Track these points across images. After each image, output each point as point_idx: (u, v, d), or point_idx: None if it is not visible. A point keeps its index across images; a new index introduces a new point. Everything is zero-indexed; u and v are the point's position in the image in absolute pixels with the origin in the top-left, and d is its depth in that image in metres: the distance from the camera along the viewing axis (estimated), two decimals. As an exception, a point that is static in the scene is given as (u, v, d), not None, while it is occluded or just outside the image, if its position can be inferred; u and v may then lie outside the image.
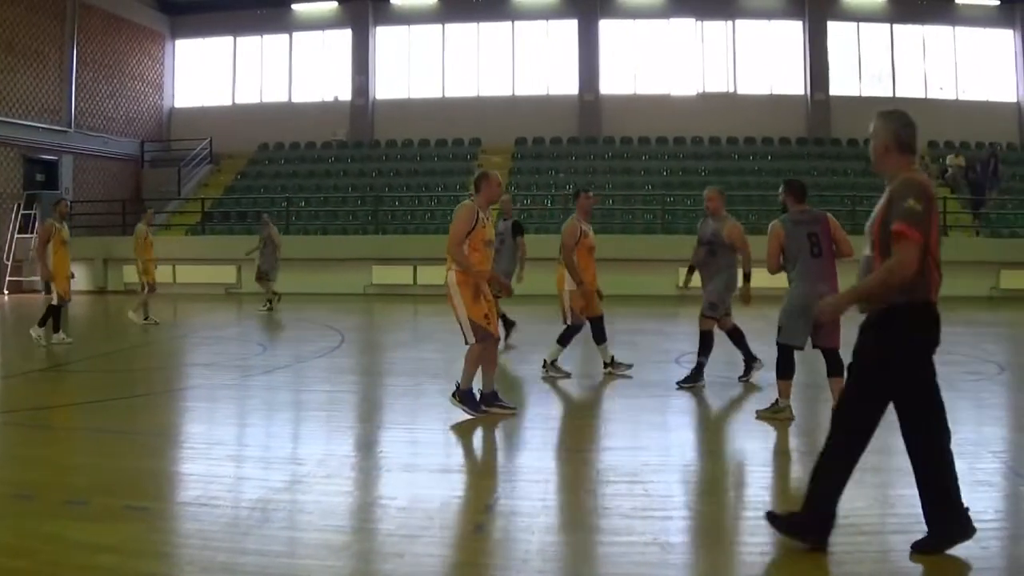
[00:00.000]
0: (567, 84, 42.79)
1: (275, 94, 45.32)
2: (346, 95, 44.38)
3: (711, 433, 10.83)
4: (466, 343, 11.05)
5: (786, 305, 10.97)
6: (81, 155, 39.55)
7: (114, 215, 38.19)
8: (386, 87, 44.57)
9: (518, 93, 43.17)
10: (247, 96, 45.68)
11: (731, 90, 42.47)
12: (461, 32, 44.16)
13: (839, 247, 11.08)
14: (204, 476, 8.73)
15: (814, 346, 10.98)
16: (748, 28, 42.61)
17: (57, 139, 37.98)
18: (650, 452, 9.48)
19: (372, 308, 29.03)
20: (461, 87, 43.82)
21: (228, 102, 45.77)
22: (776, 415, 10.87)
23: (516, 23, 43.59)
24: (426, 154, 41.79)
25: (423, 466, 9.21)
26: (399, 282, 33.33)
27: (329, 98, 44.84)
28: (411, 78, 44.49)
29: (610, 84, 42.87)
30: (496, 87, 43.56)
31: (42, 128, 36.92)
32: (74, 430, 11.01)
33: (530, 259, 17.62)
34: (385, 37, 44.68)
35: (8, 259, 34.80)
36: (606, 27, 42.83)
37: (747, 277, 13.39)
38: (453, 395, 11.14)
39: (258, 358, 17.17)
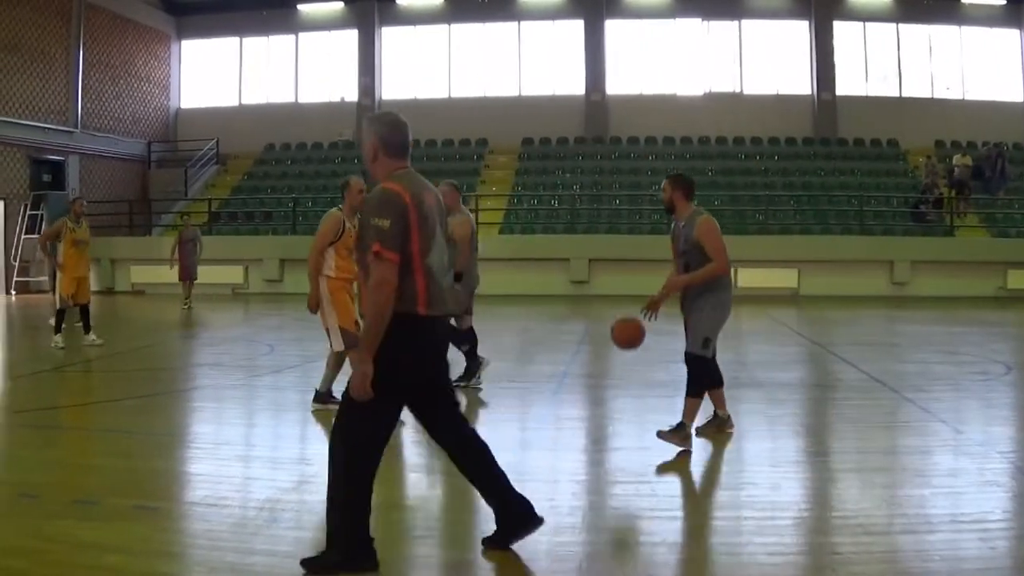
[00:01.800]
0: (574, 84, 42.72)
1: (281, 95, 45.26)
2: (352, 95, 44.33)
3: (718, 434, 10.77)
4: (332, 348, 11.34)
5: (717, 315, 9.84)
6: (88, 156, 39.52)
7: (121, 215, 38.23)
8: (392, 87, 44.49)
9: (525, 93, 43.07)
10: (253, 97, 45.63)
11: (737, 90, 42.37)
12: (467, 32, 44.12)
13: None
14: (212, 476, 8.74)
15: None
16: (754, 28, 42.48)
17: (63, 140, 37.96)
18: (657, 453, 9.45)
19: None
20: (467, 87, 43.76)
21: (234, 103, 45.72)
22: (722, 427, 10.17)
23: (522, 23, 43.50)
24: (433, 154, 41.61)
25: (429, 467, 9.22)
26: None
27: (335, 98, 44.78)
28: (417, 78, 44.40)
29: (617, 84, 42.80)
30: (503, 87, 43.46)
31: (48, 129, 36.86)
32: (82, 430, 11.02)
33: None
34: (391, 37, 44.66)
35: (15, 260, 34.80)
36: (612, 27, 42.73)
37: (457, 277, 12.92)
38: (315, 401, 11.52)
39: (265, 358, 17.17)
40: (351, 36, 44.47)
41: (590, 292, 31.87)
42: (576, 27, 42.85)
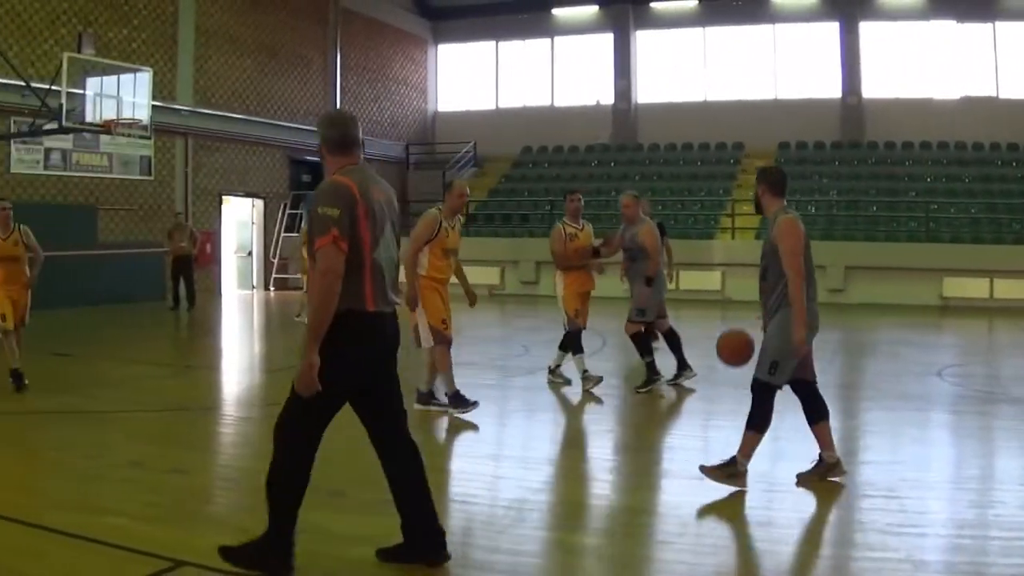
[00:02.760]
0: (829, 87, 41.73)
1: (537, 98, 45.70)
2: (608, 99, 44.40)
3: (973, 449, 10.48)
4: (419, 346, 11.45)
5: (789, 334, 8.31)
6: (347, 157, 40.40)
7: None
8: (648, 91, 44.38)
9: (780, 97, 42.45)
10: (510, 100, 46.22)
11: (993, 94, 40.76)
12: (722, 35, 43.56)
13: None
14: (463, 473, 8.95)
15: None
16: (1009, 30, 40.78)
17: (323, 141, 38.86)
18: (908, 467, 9.27)
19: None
20: (723, 90, 43.21)
21: (491, 106, 46.45)
22: (828, 474, 8.64)
23: (777, 26, 42.75)
24: (689, 158, 41.51)
25: (679, 472, 9.23)
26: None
27: (591, 102, 44.91)
28: (673, 82, 44.08)
29: (872, 87, 41.77)
30: (758, 90, 42.80)
31: (307, 130, 37.87)
32: (332, 424, 11.32)
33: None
34: (646, 40, 44.59)
35: (274, 257, 35.98)
36: (867, 29, 41.71)
37: (648, 281, 13.42)
38: (417, 402, 11.60)
39: (519, 359, 17.37)
40: (606, 40, 44.55)
41: (845, 300, 31.11)
42: (831, 29, 41.81)
